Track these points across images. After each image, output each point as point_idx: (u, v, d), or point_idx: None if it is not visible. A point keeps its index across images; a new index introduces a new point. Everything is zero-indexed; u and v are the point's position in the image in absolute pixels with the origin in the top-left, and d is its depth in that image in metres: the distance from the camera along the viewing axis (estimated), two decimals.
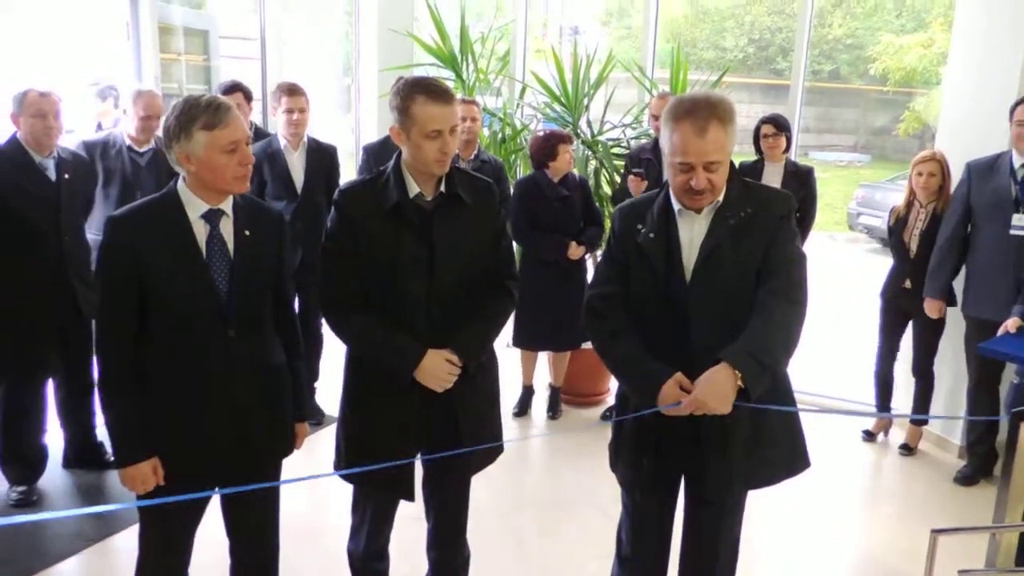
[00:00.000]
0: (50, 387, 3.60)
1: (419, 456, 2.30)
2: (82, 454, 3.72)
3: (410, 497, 2.31)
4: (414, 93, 2.07)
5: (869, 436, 4.51)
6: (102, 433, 3.65)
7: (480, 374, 2.28)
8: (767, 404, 1.98)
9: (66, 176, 3.34)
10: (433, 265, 2.14)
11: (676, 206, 2.06)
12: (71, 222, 3.37)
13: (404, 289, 2.14)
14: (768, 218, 2.02)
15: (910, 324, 4.24)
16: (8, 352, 3.37)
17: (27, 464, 3.48)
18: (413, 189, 2.15)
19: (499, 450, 2.41)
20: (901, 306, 4.22)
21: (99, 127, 4.75)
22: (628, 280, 2.12)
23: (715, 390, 1.85)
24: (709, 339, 1.96)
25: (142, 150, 3.80)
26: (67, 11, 4.90)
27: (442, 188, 2.17)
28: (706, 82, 5.36)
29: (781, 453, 2.14)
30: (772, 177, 4.43)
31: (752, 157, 4.60)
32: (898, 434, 4.50)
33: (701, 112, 1.91)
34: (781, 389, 2.12)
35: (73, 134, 4.13)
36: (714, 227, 2.01)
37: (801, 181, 4.43)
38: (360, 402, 2.27)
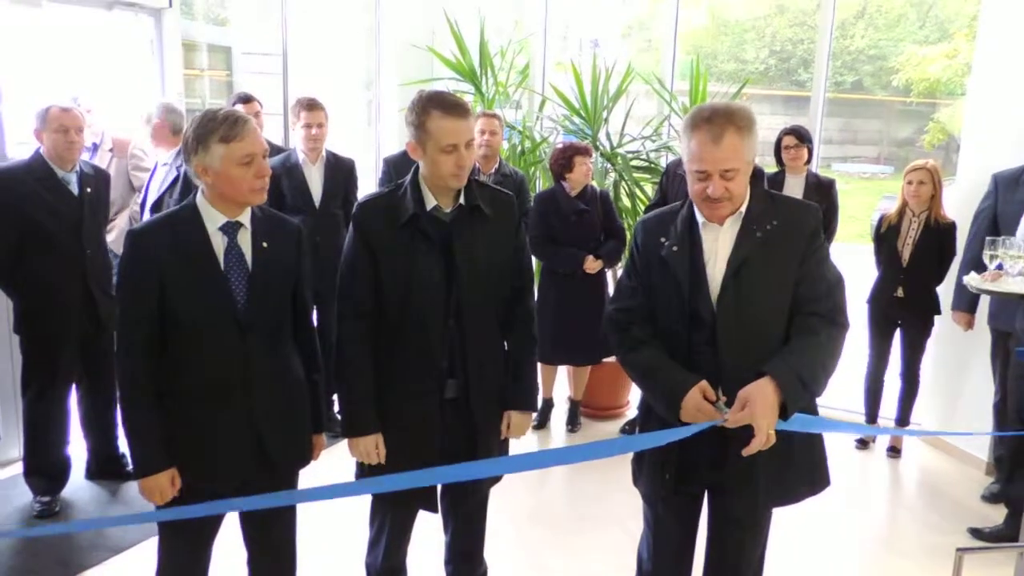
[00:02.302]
0: (73, 399, 3.64)
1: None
2: (104, 465, 3.76)
3: (432, 508, 2.30)
4: (429, 108, 2.07)
5: (862, 444, 4.51)
6: (124, 444, 3.68)
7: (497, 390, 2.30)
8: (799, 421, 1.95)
9: (88, 190, 3.38)
10: (451, 277, 2.14)
11: (700, 218, 2.02)
12: (93, 235, 3.41)
13: (422, 301, 2.14)
14: (797, 232, 1.98)
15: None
16: (32, 364, 3.42)
17: (51, 475, 3.51)
18: (430, 202, 2.15)
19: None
20: (890, 314, 4.25)
21: None
22: (650, 294, 2.09)
23: (766, 404, 1.81)
24: (738, 355, 1.93)
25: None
26: (94, 28, 4.99)
27: (461, 200, 2.17)
28: (726, 94, 5.34)
29: (804, 470, 2.10)
30: (793, 189, 4.40)
31: (773, 169, 4.57)
32: (884, 437, 4.53)
33: (718, 120, 1.90)
34: (810, 406, 2.08)
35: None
36: (741, 240, 1.97)
37: (823, 193, 4.39)
38: (383, 412, 2.26)
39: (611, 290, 4.64)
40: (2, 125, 3.73)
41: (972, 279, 3.10)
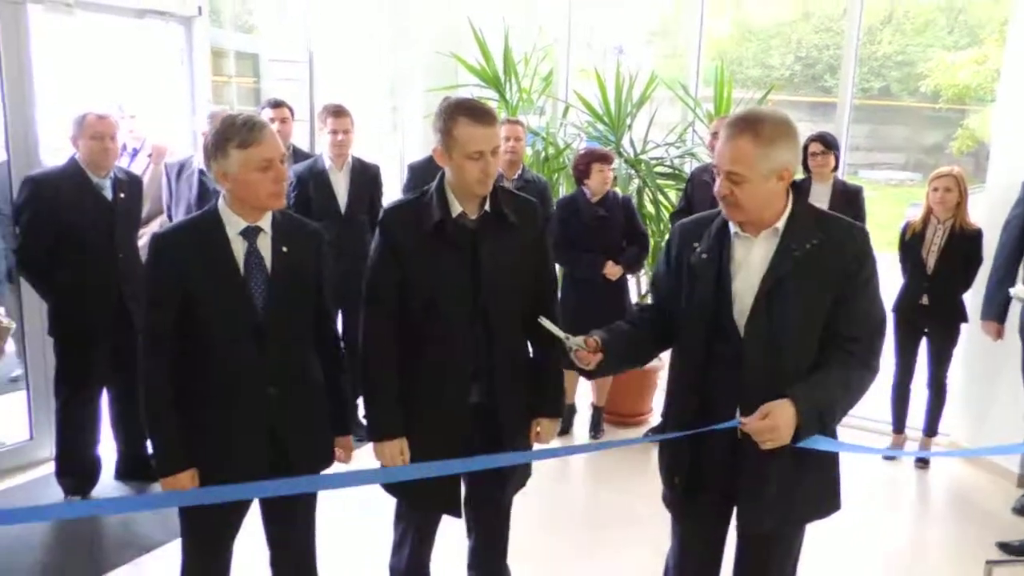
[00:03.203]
0: (104, 401, 3.70)
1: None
2: (133, 466, 3.81)
3: (456, 513, 2.31)
4: (456, 115, 2.08)
5: (890, 456, 4.43)
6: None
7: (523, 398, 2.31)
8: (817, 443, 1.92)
9: (121, 195, 3.45)
10: (477, 283, 2.15)
11: (733, 228, 1.98)
12: (125, 240, 3.47)
13: (448, 307, 2.15)
14: (840, 257, 1.90)
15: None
16: (65, 366, 3.48)
17: (81, 476, 3.58)
18: (456, 208, 2.16)
19: (529, 472, 2.45)
20: (916, 322, 4.20)
21: None
22: (674, 298, 2.07)
23: (787, 423, 1.80)
24: (762, 376, 1.90)
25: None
26: (125, 36, 5.08)
27: (486, 207, 2.18)
28: (751, 100, 5.32)
29: (814, 492, 2.05)
30: (820, 196, 4.37)
31: (799, 176, 4.54)
32: (912, 447, 4.48)
33: (740, 123, 1.88)
34: (830, 428, 2.05)
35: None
36: (778, 258, 1.91)
37: (850, 200, 4.36)
38: (408, 419, 2.27)
39: (632, 296, 4.63)
40: (36, 131, 3.80)
41: (1021, 291, 3.09)
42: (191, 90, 4.68)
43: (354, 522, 3.50)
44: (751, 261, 1.95)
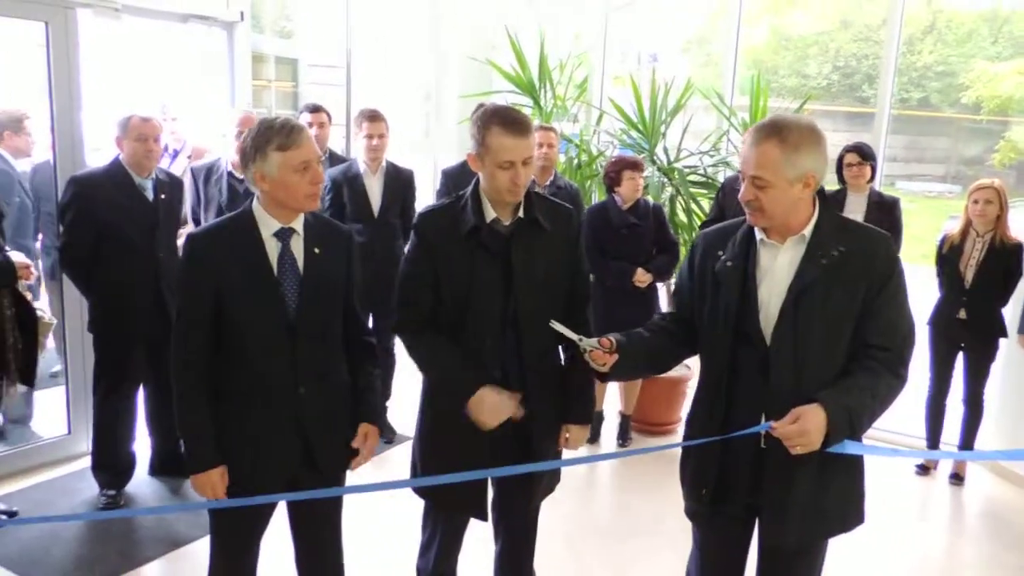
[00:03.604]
0: (140, 398, 3.77)
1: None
2: (167, 462, 3.88)
3: (483, 516, 2.32)
4: (491, 123, 2.10)
5: (923, 470, 4.38)
6: None
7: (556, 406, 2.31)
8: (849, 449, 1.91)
9: (163, 196, 3.52)
10: (510, 289, 2.16)
11: (759, 235, 1.98)
12: (166, 240, 3.54)
13: (481, 312, 2.16)
14: (867, 264, 1.89)
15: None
16: (104, 363, 3.55)
17: (117, 470, 3.65)
18: (490, 214, 2.18)
19: (558, 478, 2.46)
20: (953, 336, 4.13)
21: None
22: (697, 306, 2.07)
23: (817, 427, 1.79)
24: (790, 384, 1.89)
25: (241, 176, 3.95)
26: (168, 41, 5.19)
27: (520, 213, 2.20)
28: (787, 109, 5.28)
29: (840, 505, 2.03)
30: (855, 207, 4.32)
31: (835, 186, 4.50)
32: (946, 463, 4.39)
33: (766, 128, 1.88)
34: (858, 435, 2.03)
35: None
36: (805, 265, 1.90)
37: (886, 212, 4.30)
38: (439, 421, 2.29)
39: (662, 304, 4.61)
40: (82, 132, 3.89)
41: None
42: (231, 94, 4.77)
43: (382, 523, 3.53)
44: (776, 269, 1.95)
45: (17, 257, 3.19)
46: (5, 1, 3.61)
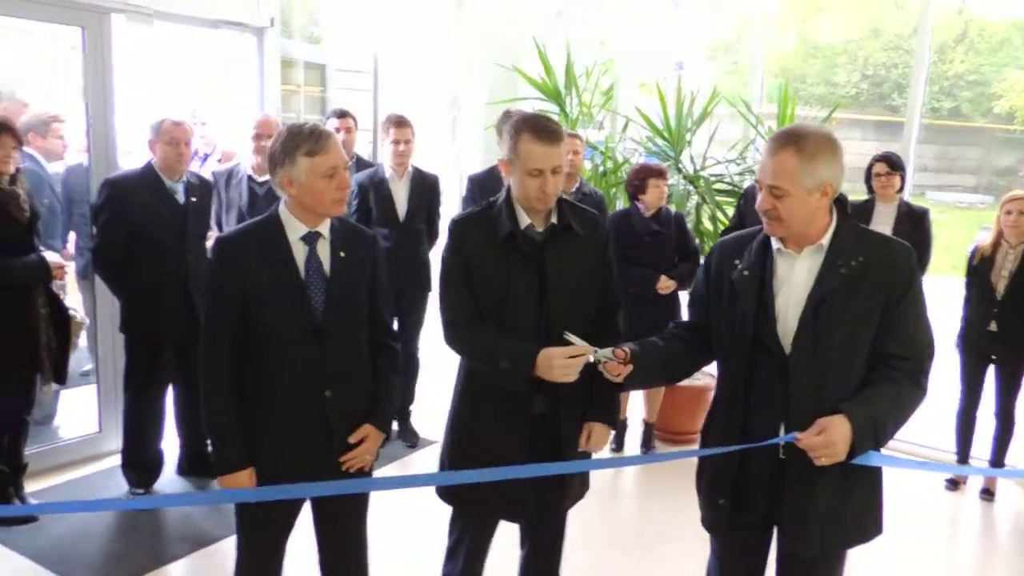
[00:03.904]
0: (169, 398, 3.82)
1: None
2: (194, 462, 3.93)
3: (514, 518, 2.33)
4: (523, 130, 2.11)
5: (953, 485, 4.31)
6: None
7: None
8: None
9: (193, 199, 3.57)
10: (544, 295, 2.16)
11: (775, 244, 1.98)
12: (195, 242, 3.59)
13: (514, 318, 2.16)
14: (886, 274, 1.89)
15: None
16: (135, 363, 3.61)
17: (146, 469, 3.70)
18: (524, 220, 2.19)
19: (587, 485, 2.45)
20: (983, 349, 4.07)
21: None
22: (714, 315, 2.07)
23: (843, 438, 1.79)
24: (810, 394, 1.89)
25: (261, 179, 4.00)
26: (199, 46, 5.28)
27: (553, 219, 2.20)
28: (815, 118, 5.24)
29: (859, 515, 2.02)
30: (883, 218, 4.28)
31: (864, 196, 4.46)
32: (977, 478, 4.32)
33: (783, 137, 1.88)
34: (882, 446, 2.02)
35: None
36: (824, 275, 1.89)
37: (915, 223, 4.26)
38: (470, 424, 2.30)
39: (684, 311, 4.59)
40: (116, 136, 3.96)
41: None
42: (260, 98, 4.83)
43: (407, 526, 3.54)
44: (794, 278, 1.94)
45: (51, 257, 3.25)
46: (43, 7, 3.69)
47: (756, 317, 1.95)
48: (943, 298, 4.25)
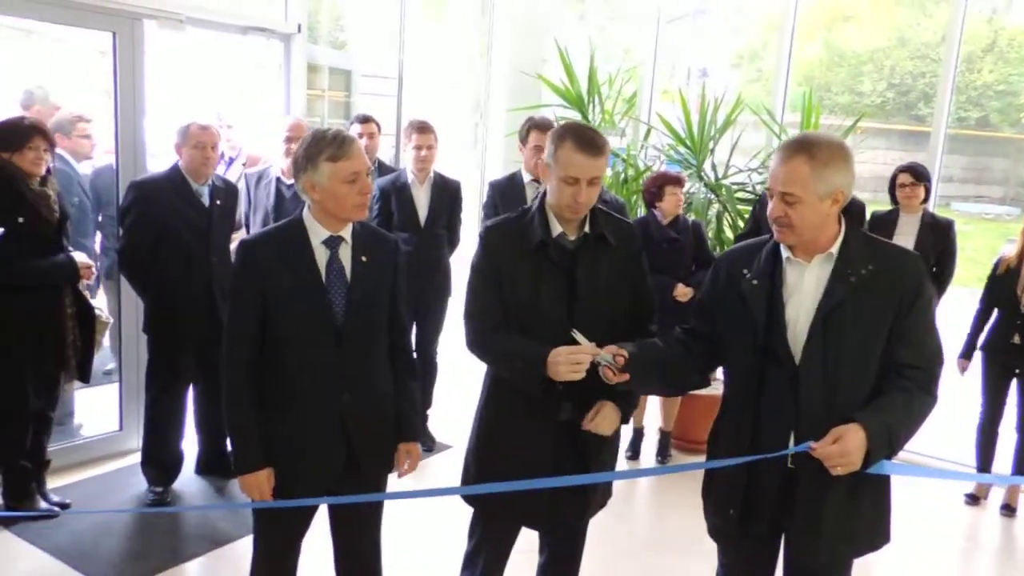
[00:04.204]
0: (189, 398, 3.87)
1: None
2: (213, 462, 3.97)
3: (536, 526, 2.33)
4: (566, 137, 2.12)
5: (973, 500, 4.24)
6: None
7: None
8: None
9: (218, 202, 3.62)
10: (574, 304, 2.16)
11: (785, 253, 1.98)
12: (219, 244, 3.64)
13: (542, 326, 2.15)
14: (896, 282, 1.90)
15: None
16: (157, 363, 3.66)
17: (165, 468, 3.75)
18: (556, 229, 2.19)
19: (610, 493, 2.45)
20: (1007, 362, 4.02)
21: None
22: (722, 324, 2.07)
23: (859, 447, 1.80)
24: (821, 402, 1.89)
25: (290, 182, 4.03)
26: (227, 51, 5.35)
27: (586, 229, 2.20)
28: (840, 127, 5.21)
29: (868, 524, 2.02)
30: (907, 229, 4.25)
31: (888, 207, 4.43)
32: (997, 493, 4.26)
33: (794, 145, 1.90)
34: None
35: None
36: (834, 284, 1.90)
37: (940, 234, 4.22)
38: (495, 430, 2.30)
39: None
40: (144, 139, 4.02)
41: None
42: (286, 103, 4.89)
43: (423, 531, 3.56)
44: (804, 287, 1.95)
45: (79, 257, 3.31)
46: (76, 12, 3.76)
47: (766, 326, 1.95)
48: (969, 310, 4.21)
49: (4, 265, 3.08)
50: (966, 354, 4.17)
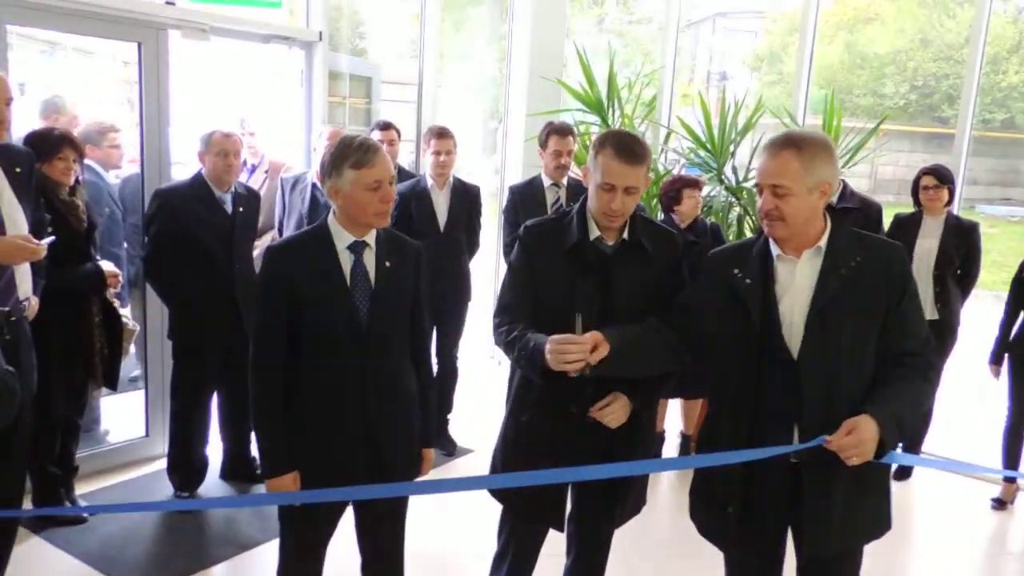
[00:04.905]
0: (213, 403, 3.90)
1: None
2: (237, 467, 4.00)
3: (559, 526, 2.33)
4: (605, 144, 2.14)
5: (999, 504, 4.18)
6: (255, 449, 3.91)
7: (644, 427, 2.30)
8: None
9: (240, 209, 3.65)
10: (606, 309, 2.16)
11: (775, 251, 2.01)
12: (242, 251, 3.67)
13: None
14: (885, 272, 1.96)
15: None
16: (182, 370, 3.69)
17: (190, 473, 3.78)
18: (594, 232, 2.21)
19: (644, 501, 2.45)
20: None
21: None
22: (700, 324, 2.09)
23: (872, 437, 1.82)
24: (822, 395, 1.93)
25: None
26: (250, 59, 5.41)
27: (625, 235, 2.21)
28: (861, 130, 5.17)
29: (873, 513, 2.07)
30: (931, 231, 4.21)
31: (910, 208, 4.39)
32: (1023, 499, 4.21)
33: (781, 140, 1.95)
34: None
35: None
36: (825, 278, 1.95)
37: (963, 237, 4.17)
38: (520, 430, 2.30)
39: None
40: (169, 146, 4.07)
41: None
42: (308, 110, 4.93)
43: (449, 536, 3.56)
44: (796, 283, 1.98)
45: (106, 266, 3.35)
46: (101, 23, 3.81)
47: (761, 323, 1.97)
48: (993, 314, 4.16)
49: (33, 274, 3.12)
50: (996, 359, 4.10)
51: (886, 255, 1.99)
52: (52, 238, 2.72)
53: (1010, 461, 4.15)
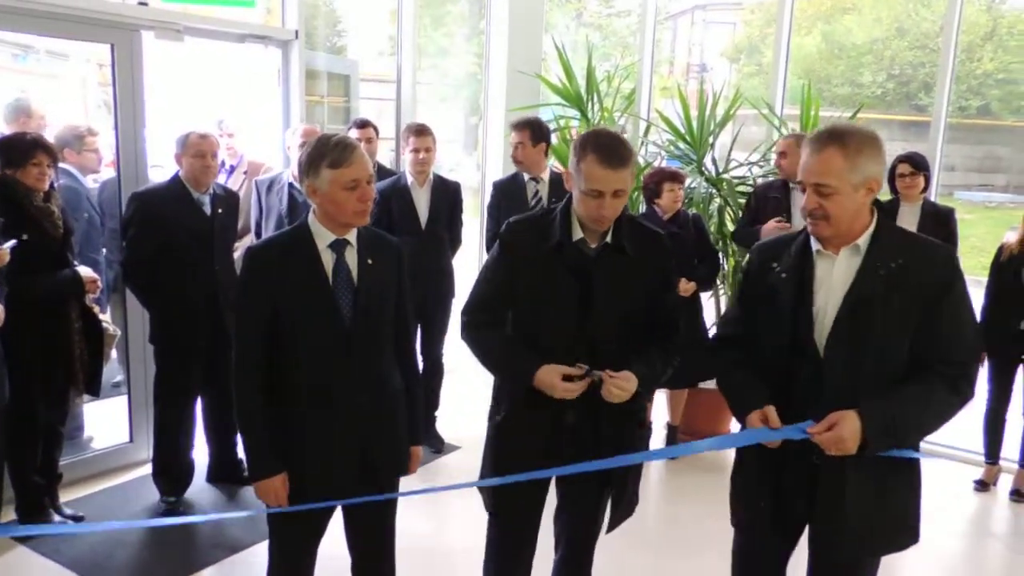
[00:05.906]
0: (198, 406, 3.88)
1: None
2: (224, 470, 3.98)
3: (533, 529, 2.34)
4: (587, 148, 2.06)
5: (982, 486, 4.24)
6: (242, 451, 3.89)
7: (635, 426, 2.29)
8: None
9: (219, 211, 3.62)
10: (587, 311, 2.13)
11: (815, 246, 1.96)
12: (222, 252, 3.65)
13: (554, 329, 2.14)
14: (926, 277, 1.87)
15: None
16: (164, 374, 3.66)
17: (176, 477, 3.76)
18: (577, 233, 2.16)
19: (636, 501, 2.44)
20: (1011, 349, 4.03)
21: None
22: (756, 320, 2.05)
23: (852, 434, 1.80)
24: (843, 395, 1.87)
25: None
26: (225, 59, 5.36)
27: (608, 238, 2.16)
28: (840, 119, 5.20)
29: (895, 521, 2.00)
30: (908, 218, 4.24)
31: (887, 196, 4.42)
32: (1007, 479, 4.25)
33: (825, 135, 1.88)
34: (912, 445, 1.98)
35: None
36: (863, 276, 1.88)
37: (940, 223, 4.21)
38: (508, 428, 2.28)
39: (705, 313, 4.58)
40: (145, 150, 4.03)
41: None
42: (285, 109, 4.90)
43: (438, 533, 3.56)
44: (833, 280, 1.93)
45: (84, 271, 3.31)
46: (73, 24, 3.77)
47: (793, 319, 1.94)
48: (977, 298, 4.21)
49: (10, 281, 3.09)
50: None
51: (929, 259, 1.90)
52: (14, 241, 2.68)
53: (992, 447, 4.21)
